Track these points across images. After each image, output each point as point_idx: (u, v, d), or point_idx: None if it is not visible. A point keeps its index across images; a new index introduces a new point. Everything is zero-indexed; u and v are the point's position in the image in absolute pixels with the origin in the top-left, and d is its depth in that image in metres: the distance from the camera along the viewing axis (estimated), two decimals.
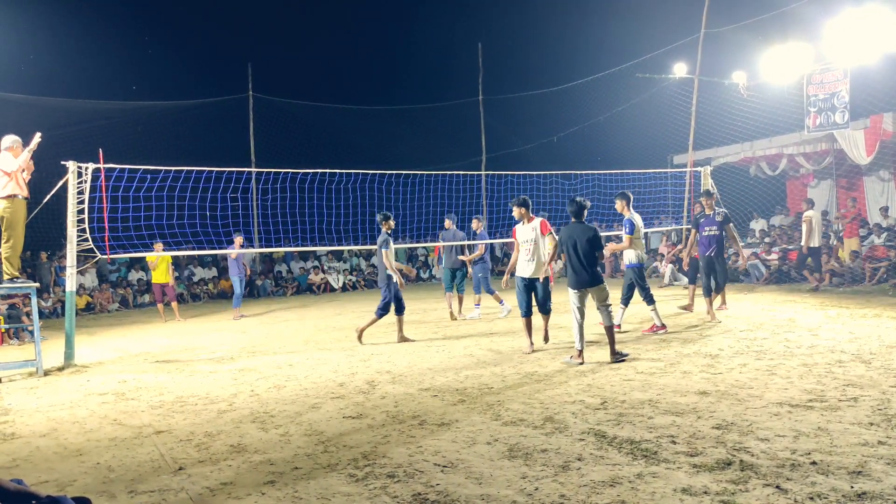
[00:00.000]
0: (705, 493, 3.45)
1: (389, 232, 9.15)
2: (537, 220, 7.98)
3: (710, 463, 3.86)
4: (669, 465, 3.87)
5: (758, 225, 17.99)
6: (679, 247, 16.41)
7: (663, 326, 8.84)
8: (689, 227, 15.70)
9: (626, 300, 9.27)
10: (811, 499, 3.32)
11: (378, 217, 9.34)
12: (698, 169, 14.63)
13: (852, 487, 3.43)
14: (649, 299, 8.84)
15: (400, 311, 9.26)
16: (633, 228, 8.79)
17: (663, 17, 21.00)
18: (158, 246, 12.69)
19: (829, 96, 14.74)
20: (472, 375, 6.73)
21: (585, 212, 7.37)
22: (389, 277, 9.03)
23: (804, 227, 13.40)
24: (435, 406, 5.56)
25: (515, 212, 8.06)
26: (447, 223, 11.68)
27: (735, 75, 16.91)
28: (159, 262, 13.86)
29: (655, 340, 8.23)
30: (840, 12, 14.23)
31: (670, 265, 16.67)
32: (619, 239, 11.27)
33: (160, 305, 14.22)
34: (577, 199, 7.37)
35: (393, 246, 9.16)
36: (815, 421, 4.60)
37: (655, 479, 3.66)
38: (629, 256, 9.04)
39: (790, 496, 3.36)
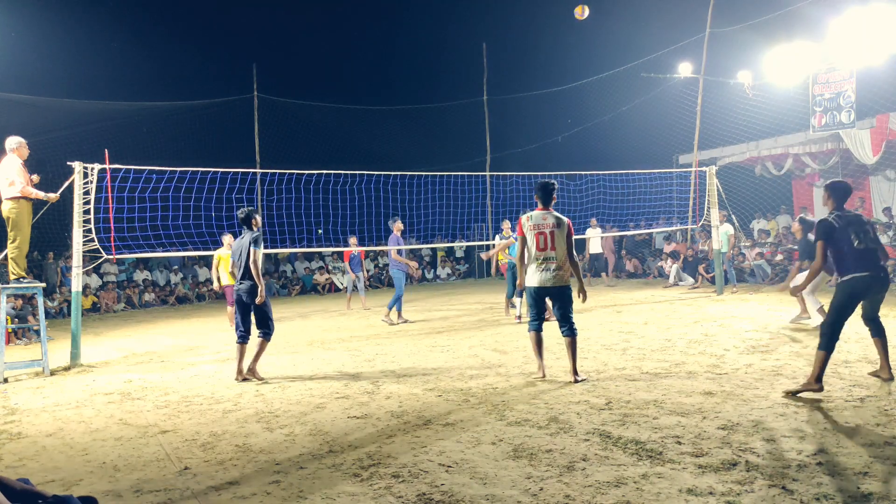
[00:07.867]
0: (710, 493, 3.44)
1: (258, 229, 7.24)
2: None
3: (715, 463, 3.85)
4: (675, 465, 3.86)
5: (759, 225, 17.95)
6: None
7: (519, 316, 10.47)
8: (693, 227, 15.67)
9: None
10: (817, 499, 3.30)
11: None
12: (704, 169, 14.60)
13: (858, 488, 3.41)
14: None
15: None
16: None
17: (668, 17, 20.94)
18: None
19: (834, 96, 14.69)
20: (477, 375, 6.73)
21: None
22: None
23: None
24: (440, 406, 5.56)
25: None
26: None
27: (740, 75, 16.88)
28: None
29: (659, 340, 8.21)
30: (846, 12, 14.18)
31: (675, 265, 16.63)
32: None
33: None
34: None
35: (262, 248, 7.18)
36: (821, 421, 4.59)
37: (661, 480, 3.65)
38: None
39: (796, 497, 3.35)
